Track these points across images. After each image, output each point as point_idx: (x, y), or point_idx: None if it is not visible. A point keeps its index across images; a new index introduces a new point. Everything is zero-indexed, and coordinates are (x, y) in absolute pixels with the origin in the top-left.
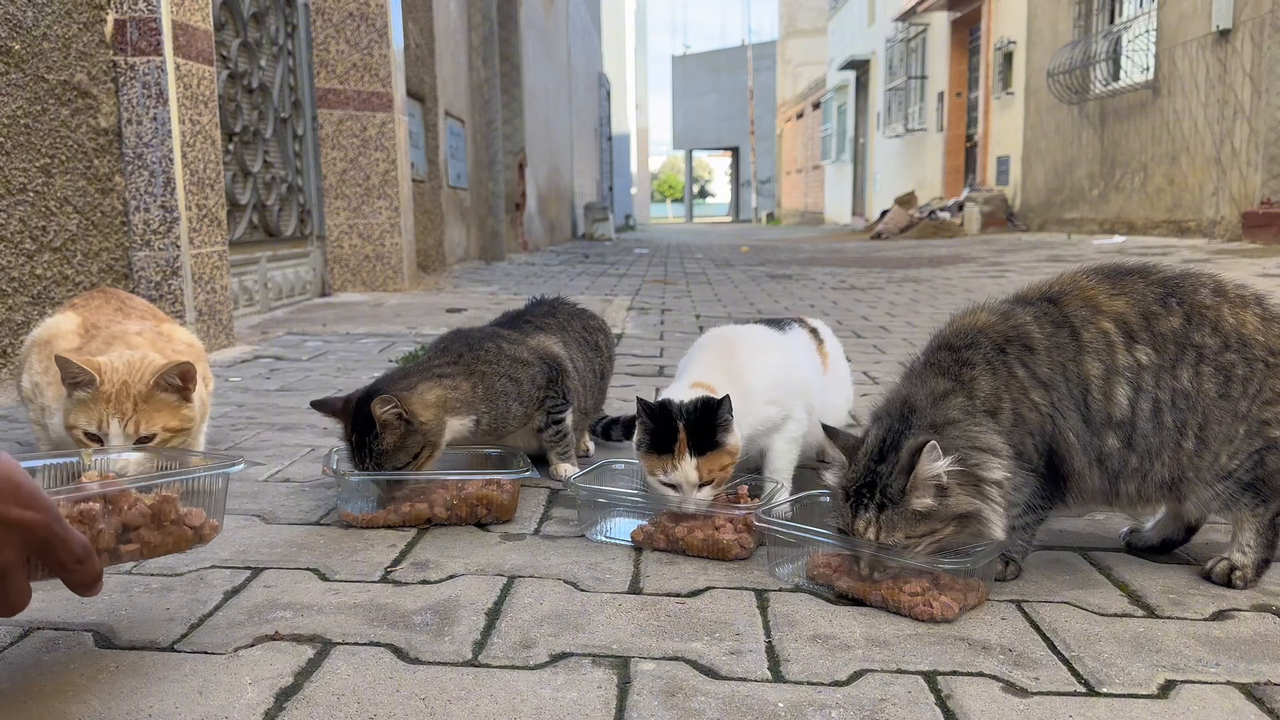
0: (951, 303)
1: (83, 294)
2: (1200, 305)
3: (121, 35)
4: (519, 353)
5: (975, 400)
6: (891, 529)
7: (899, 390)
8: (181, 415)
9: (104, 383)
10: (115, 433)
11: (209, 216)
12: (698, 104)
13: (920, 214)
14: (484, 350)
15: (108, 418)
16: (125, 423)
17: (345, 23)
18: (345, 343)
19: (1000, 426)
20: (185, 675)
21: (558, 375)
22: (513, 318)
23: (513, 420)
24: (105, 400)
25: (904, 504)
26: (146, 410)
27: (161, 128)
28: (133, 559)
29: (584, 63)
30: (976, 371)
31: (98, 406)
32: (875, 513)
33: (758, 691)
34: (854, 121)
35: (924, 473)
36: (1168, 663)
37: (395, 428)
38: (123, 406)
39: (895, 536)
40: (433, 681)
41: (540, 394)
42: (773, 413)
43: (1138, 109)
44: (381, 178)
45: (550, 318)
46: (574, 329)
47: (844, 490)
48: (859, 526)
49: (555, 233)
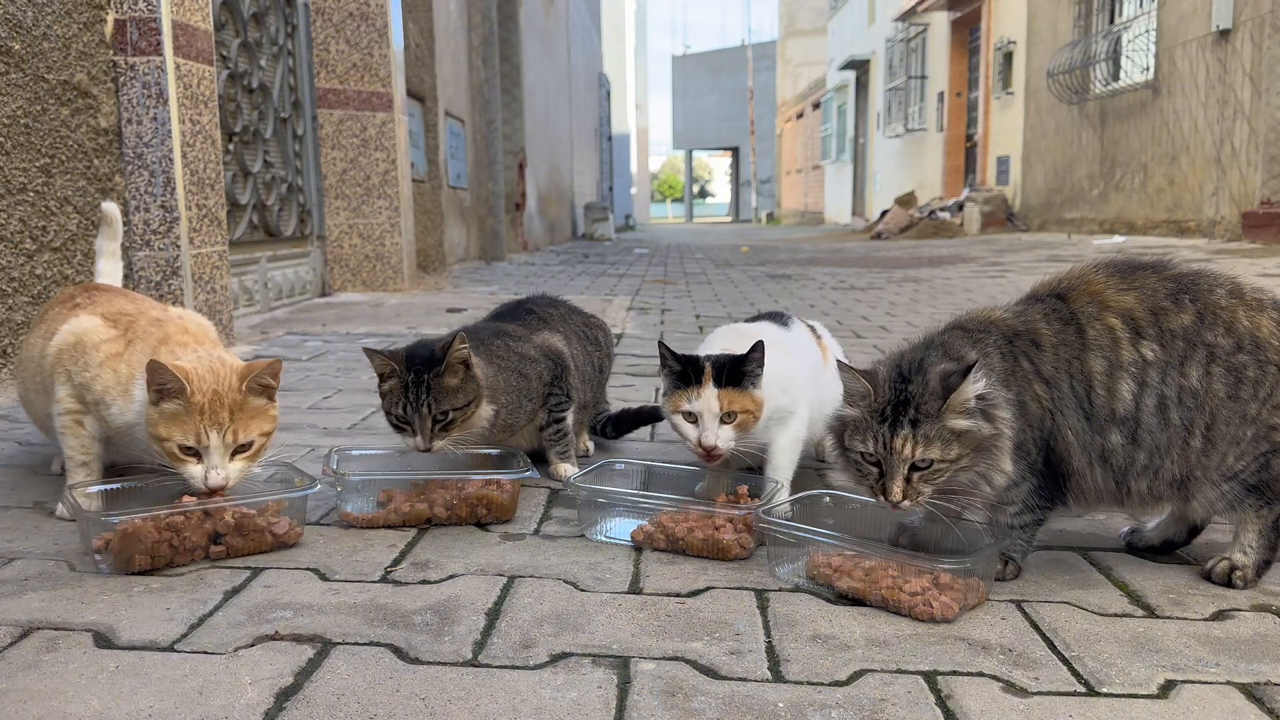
0: (951, 303)
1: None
2: (1214, 305)
3: (121, 35)
4: (526, 349)
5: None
6: (928, 444)
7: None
8: (272, 417)
9: (194, 392)
10: (215, 445)
11: (209, 216)
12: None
13: (920, 214)
14: (495, 346)
15: (205, 430)
16: (224, 433)
17: (345, 23)
18: (345, 343)
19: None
20: (185, 675)
21: (561, 372)
22: (514, 307)
23: (523, 416)
24: (199, 412)
25: (941, 420)
26: (242, 418)
27: (161, 128)
28: (221, 558)
29: (584, 63)
30: (989, 349)
31: (191, 419)
32: (911, 428)
33: (758, 691)
34: (854, 121)
35: (966, 391)
36: (1168, 663)
37: (457, 370)
38: (219, 417)
39: (931, 452)
40: (433, 681)
41: (545, 390)
42: (785, 402)
43: (1138, 109)
44: (381, 178)
45: (553, 309)
46: (574, 323)
47: (876, 411)
48: (896, 443)
49: (555, 233)
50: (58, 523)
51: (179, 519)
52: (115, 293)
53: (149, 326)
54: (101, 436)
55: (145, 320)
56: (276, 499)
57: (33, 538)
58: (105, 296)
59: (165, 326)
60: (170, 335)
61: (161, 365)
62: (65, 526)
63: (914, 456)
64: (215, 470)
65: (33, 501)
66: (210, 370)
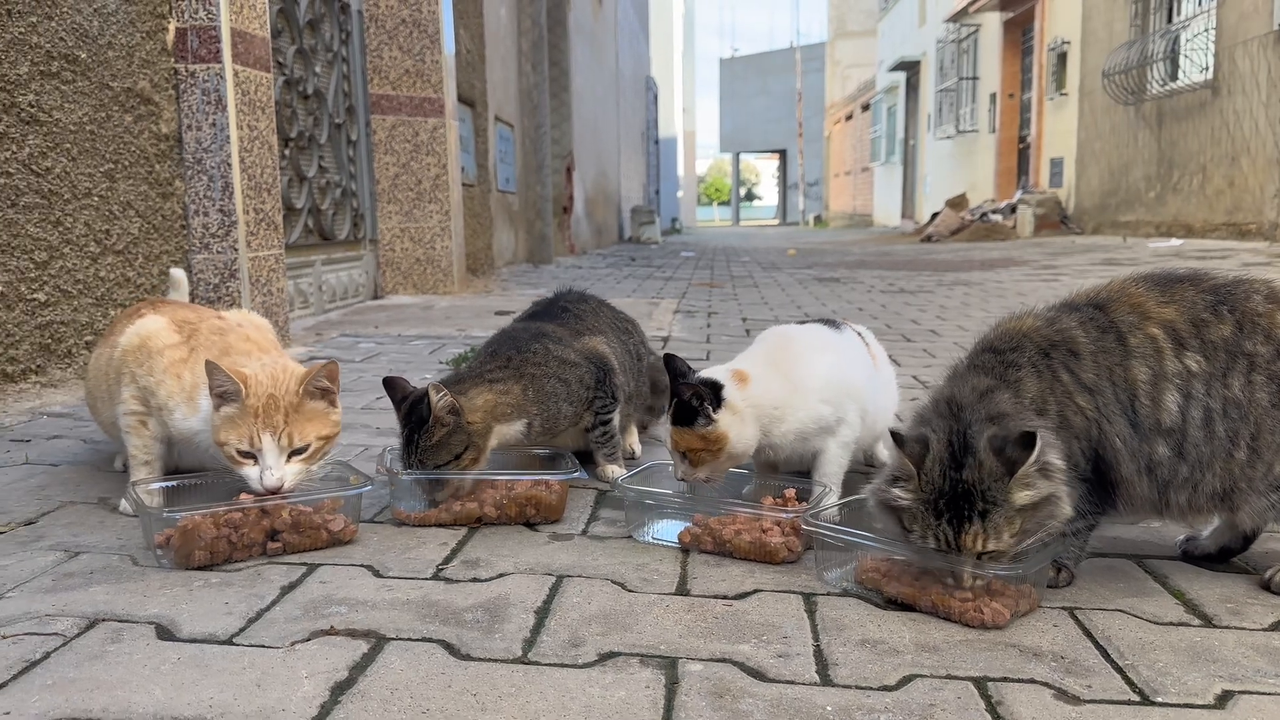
0: (1004, 306)
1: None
2: (1252, 313)
3: (182, 43)
4: (566, 354)
5: (1022, 400)
6: (999, 533)
7: (942, 390)
8: (331, 421)
9: (249, 395)
10: (269, 448)
11: (266, 220)
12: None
13: (972, 216)
14: (531, 352)
15: (259, 433)
16: (279, 436)
17: (398, 29)
18: (397, 344)
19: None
20: (244, 668)
21: (605, 375)
22: (547, 305)
23: (563, 421)
24: (254, 415)
25: (1007, 503)
26: (298, 421)
27: (220, 133)
28: (278, 554)
29: (632, 66)
30: (1022, 373)
31: (246, 421)
32: (981, 522)
33: (806, 694)
34: (904, 123)
35: (1029, 467)
36: (1225, 673)
37: (444, 423)
38: (273, 420)
39: (1003, 540)
40: (483, 678)
41: (589, 394)
42: (826, 412)
43: (1196, 109)
44: (432, 182)
45: (583, 304)
46: (605, 316)
47: (930, 506)
48: (966, 541)
49: (602, 236)
50: (121, 518)
51: (238, 516)
52: (180, 304)
53: (211, 335)
54: (164, 438)
55: (207, 328)
56: (332, 497)
57: (98, 532)
58: (169, 307)
59: (228, 336)
60: (232, 345)
61: (217, 366)
62: (128, 522)
63: (984, 548)
64: (269, 471)
65: (97, 498)
66: (270, 376)
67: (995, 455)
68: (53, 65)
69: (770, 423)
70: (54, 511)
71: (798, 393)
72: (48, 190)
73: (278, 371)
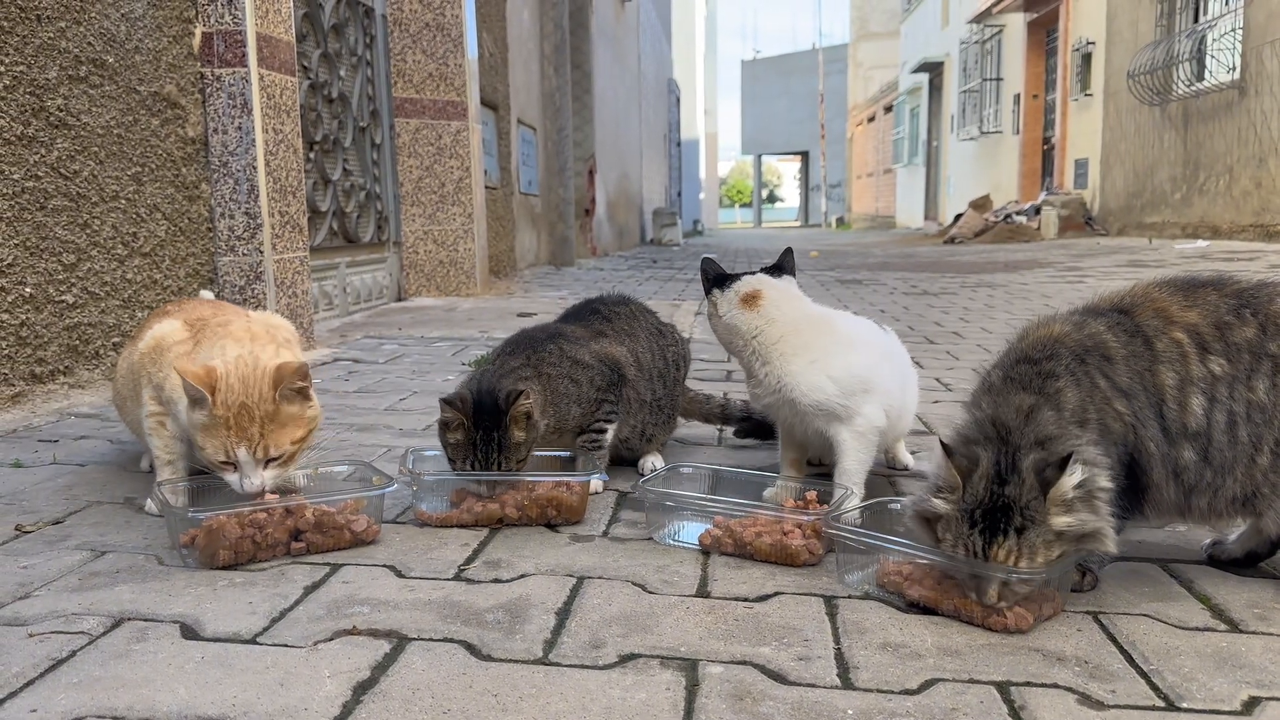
0: (1028, 308)
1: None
2: (1275, 315)
3: (208, 47)
4: (580, 354)
5: (1064, 413)
6: (1033, 553)
7: (983, 410)
8: (307, 419)
9: (217, 405)
10: (244, 459)
11: (291, 223)
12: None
13: (995, 218)
14: (546, 352)
15: (233, 447)
16: (253, 449)
17: (422, 33)
18: (420, 346)
19: (1090, 438)
20: (267, 667)
21: (617, 380)
22: (581, 307)
23: (570, 422)
24: (225, 426)
25: (1045, 524)
26: (273, 431)
27: (246, 137)
28: (301, 554)
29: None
30: (1061, 384)
31: (219, 434)
32: (1016, 538)
33: (827, 698)
34: (927, 124)
35: (1064, 487)
36: (1252, 679)
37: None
38: (248, 432)
39: (1036, 561)
40: (504, 678)
41: (598, 396)
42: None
43: (1223, 110)
44: (456, 185)
45: (621, 307)
46: (643, 322)
47: (967, 515)
48: (999, 554)
49: (624, 238)
50: (147, 518)
51: (262, 516)
52: (203, 303)
53: (216, 328)
54: (184, 437)
55: (215, 323)
56: (355, 497)
57: (124, 532)
58: (192, 305)
59: (230, 327)
60: (231, 334)
61: (184, 372)
62: (154, 522)
63: (1016, 565)
64: (249, 479)
65: (123, 497)
66: (240, 379)
67: (1036, 476)
68: (81, 70)
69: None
70: (81, 511)
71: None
72: (76, 193)
73: (248, 371)
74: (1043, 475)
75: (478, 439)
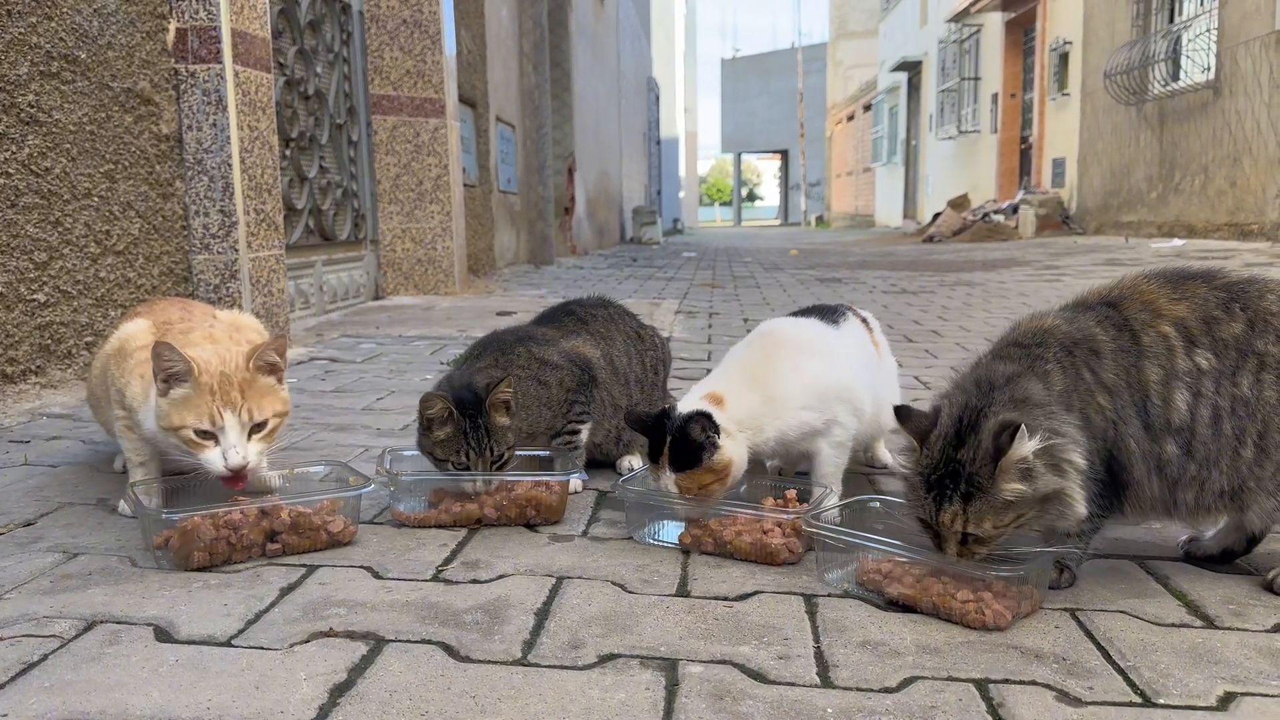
0: (1006, 306)
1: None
2: (1264, 311)
3: (183, 44)
4: (548, 355)
5: (1051, 391)
6: (980, 519)
7: (969, 374)
8: (283, 398)
9: (201, 373)
10: (231, 424)
11: (266, 221)
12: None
13: (974, 217)
14: (515, 354)
15: (219, 410)
16: (239, 411)
17: (399, 30)
18: (398, 345)
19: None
20: (243, 670)
21: (588, 381)
22: (557, 309)
23: (542, 424)
24: (209, 392)
25: (993, 492)
26: (254, 396)
27: (221, 134)
28: (277, 555)
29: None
30: (1049, 366)
31: (203, 400)
32: (961, 504)
33: (806, 696)
34: (905, 123)
35: (1014, 456)
36: (1227, 674)
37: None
38: (230, 396)
39: (984, 527)
40: (483, 680)
41: (568, 398)
42: (809, 418)
43: (1198, 110)
44: (434, 183)
45: (599, 309)
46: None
47: (923, 479)
48: (944, 519)
49: (603, 237)
50: (120, 519)
51: (237, 517)
52: (175, 303)
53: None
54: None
55: (181, 326)
56: (331, 498)
57: (96, 534)
58: (162, 305)
59: (193, 334)
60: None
61: (167, 346)
62: (127, 523)
63: (964, 531)
64: (234, 450)
65: (96, 499)
66: (216, 356)
67: (994, 439)
68: (53, 65)
69: (752, 434)
70: (53, 512)
71: (774, 403)
72: (47, 191)
73: (222, 351)
74: (998, 440)
75: (467, 428)
